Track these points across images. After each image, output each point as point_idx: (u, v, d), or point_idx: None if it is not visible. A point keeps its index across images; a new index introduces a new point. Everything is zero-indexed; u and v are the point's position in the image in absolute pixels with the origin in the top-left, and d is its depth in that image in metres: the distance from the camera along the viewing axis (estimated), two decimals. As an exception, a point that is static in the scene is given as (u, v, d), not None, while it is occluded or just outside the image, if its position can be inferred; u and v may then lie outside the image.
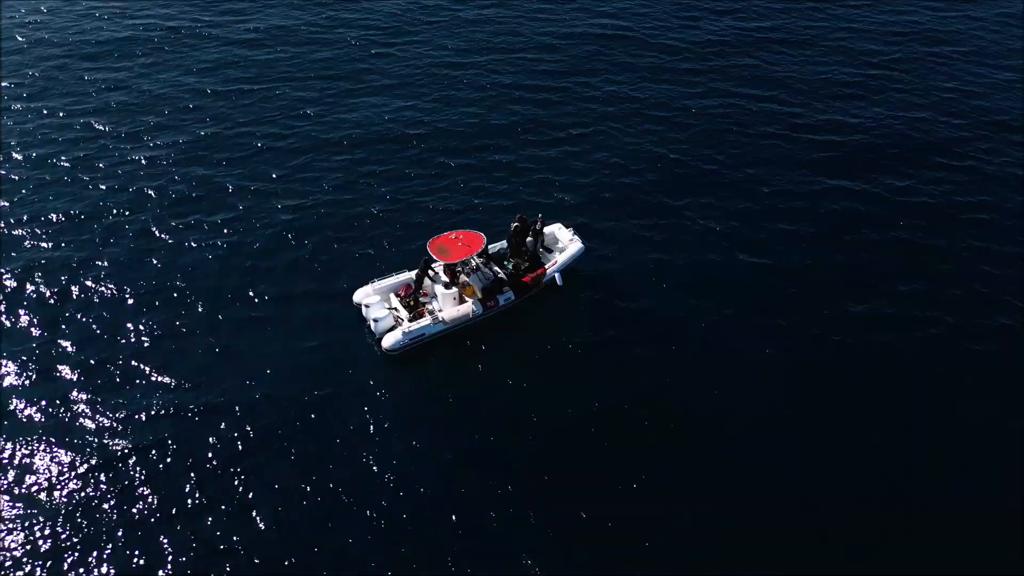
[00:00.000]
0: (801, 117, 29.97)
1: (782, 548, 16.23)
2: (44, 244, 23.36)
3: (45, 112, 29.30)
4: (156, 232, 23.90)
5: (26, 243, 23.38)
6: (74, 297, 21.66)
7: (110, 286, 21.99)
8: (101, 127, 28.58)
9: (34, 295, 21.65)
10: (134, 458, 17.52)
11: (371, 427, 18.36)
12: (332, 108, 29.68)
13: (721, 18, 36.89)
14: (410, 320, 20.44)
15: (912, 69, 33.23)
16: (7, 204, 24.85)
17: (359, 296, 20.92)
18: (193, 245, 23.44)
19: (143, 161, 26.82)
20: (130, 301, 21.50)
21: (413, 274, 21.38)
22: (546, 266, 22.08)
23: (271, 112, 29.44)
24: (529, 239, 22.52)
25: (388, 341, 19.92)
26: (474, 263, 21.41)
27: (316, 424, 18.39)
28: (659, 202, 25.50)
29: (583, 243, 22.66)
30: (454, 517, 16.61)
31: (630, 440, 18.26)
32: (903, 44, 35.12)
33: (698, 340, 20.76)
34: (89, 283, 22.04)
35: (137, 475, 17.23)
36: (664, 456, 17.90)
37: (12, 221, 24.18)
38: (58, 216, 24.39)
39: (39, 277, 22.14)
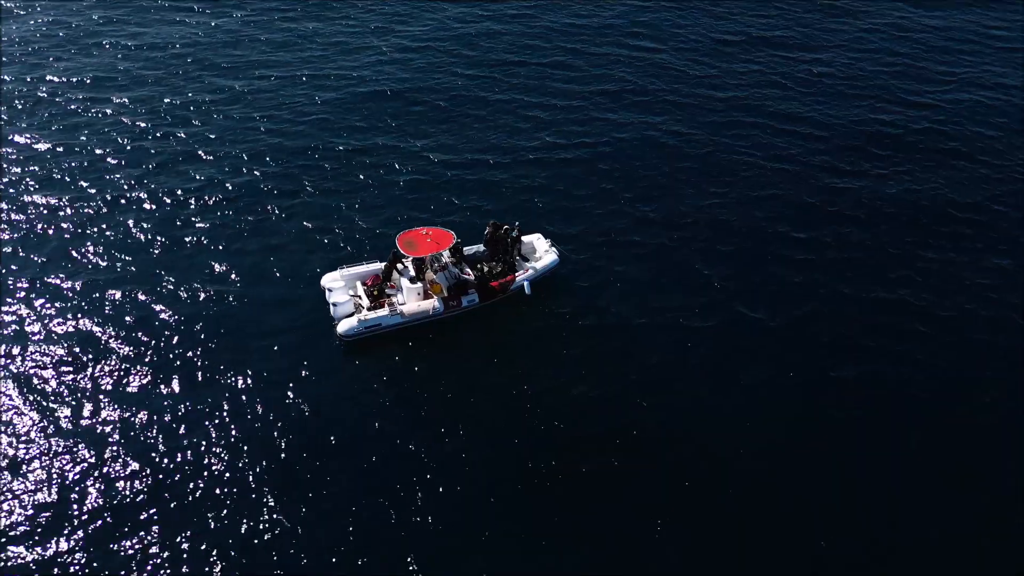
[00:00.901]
0: (823, 154, 28.84)
1: (778, 555, 16.40)
2: (19, 230, 24.19)
3: (42, 95, 30.62)
4: (137, 222, 24.56)
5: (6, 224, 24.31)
6: (49, 282, 22.13)
7: (82, 277, 22.42)
8: (99, 109, 29.89)
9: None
10: (94, 453, 17.92)
11: (344, 426, 18.61)
12: (338, 108, 30.46)
13: (758, 46, 35.92)
14: (369, 309, 20.98)
15: (961, 113, 31.32)
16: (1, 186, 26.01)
17: (325, 280, 21.61)
18: (176, 234, 24.14)
19: (138, 150, 27.83)
20: (95, 292, 21.95)
21: (383, 265, 21.94)
22: (516, 274, 22.19)
23: (280, 109, 30.28)
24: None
25: (343, 327, 20.52)
26: (444, 261, 21.75)
27: (290, 422, 18.72)
28: (655, 231, 25.04)
29: (558, 255, 22.66)
30: (440, 516, 16.90)
31: (623, 444, 18.43)
32: (955, 88, 33.18)
33: (690, 357, 20.81)
34: (63, 273, 22.58)
35: (97, 472, 17.55)
36: (658, 467, 18.06)
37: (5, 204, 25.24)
38: (45, 198, 25.38)
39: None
